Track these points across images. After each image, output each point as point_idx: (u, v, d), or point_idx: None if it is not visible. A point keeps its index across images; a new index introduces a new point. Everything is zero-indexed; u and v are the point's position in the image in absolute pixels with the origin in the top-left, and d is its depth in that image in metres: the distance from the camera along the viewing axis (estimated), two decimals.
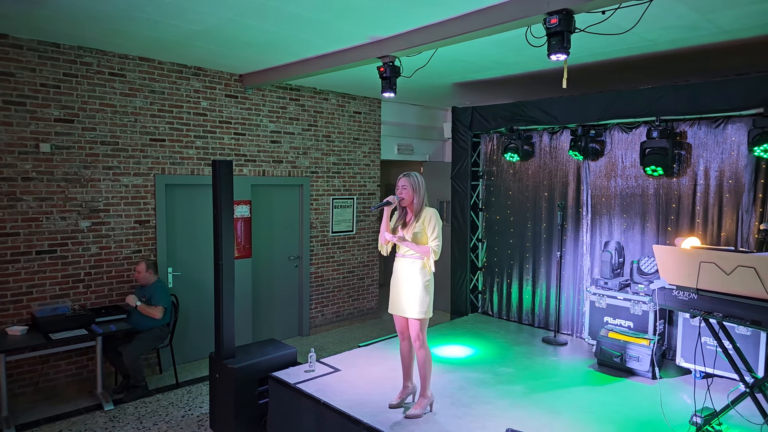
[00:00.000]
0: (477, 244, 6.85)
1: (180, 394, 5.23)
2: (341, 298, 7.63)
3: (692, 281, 3.35)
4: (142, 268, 5.28)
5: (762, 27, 4.29)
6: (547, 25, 3.52)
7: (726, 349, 3.50)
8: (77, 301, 5.27)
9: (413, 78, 6.22)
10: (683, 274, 3.40)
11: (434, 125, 8.76)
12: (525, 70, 5.89)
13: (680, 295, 3.47)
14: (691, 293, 3.40)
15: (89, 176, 5.29)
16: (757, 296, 3.07)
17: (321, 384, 4.25)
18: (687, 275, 3.38)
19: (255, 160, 6.51)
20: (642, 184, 5.34)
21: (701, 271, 3.28)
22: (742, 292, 3.14)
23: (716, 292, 3.27)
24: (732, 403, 3.41)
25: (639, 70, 5.76)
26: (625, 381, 4.54)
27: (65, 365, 5.29)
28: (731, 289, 3.18)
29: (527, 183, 6.30)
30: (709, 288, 3.29)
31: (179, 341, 5.81)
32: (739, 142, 4.72)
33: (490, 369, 4.76)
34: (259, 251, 6.70)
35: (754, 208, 4.63)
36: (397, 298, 3.85)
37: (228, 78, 6.21)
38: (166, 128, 5.76)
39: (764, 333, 4.21)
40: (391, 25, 4.32)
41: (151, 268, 5.33)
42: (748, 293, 3.11)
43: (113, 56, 5.36)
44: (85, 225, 5.29)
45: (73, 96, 5.16)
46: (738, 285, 3.13)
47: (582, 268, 5.81)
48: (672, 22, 4.21)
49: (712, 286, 3.27)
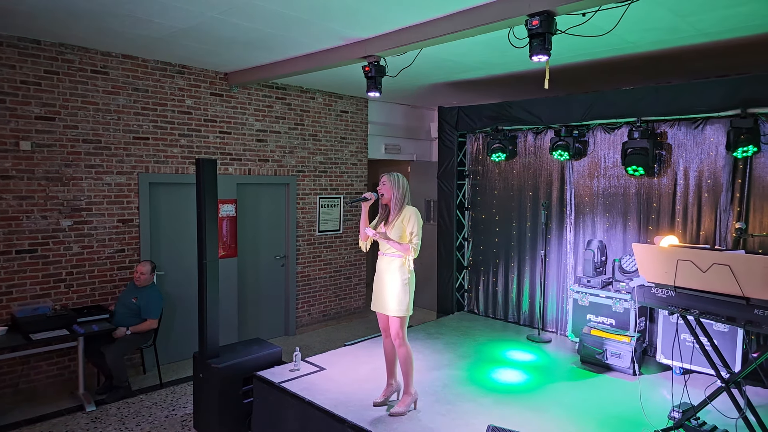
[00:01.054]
0: (463, 243, 6.89)
1: (164, 394, 5.19)
2: (328, 298, 7.63)
3: (670, 279, 3.39)
4: (147, 269, 5.20)
5: (740, 29, 4.37)
6: (528, 27, 3.56)
7: (703, 346, 3.56)
8: (59, 301, 5.21)
9: (400, 78, 6.24)
10: (661, 271, 3.45)
11: (421, 125, 8.79)
12: (510, 70, 5.93)
13: (659, 292, 3.52)
14: (669, 290, 3.44)
15: (71, 175, 5.24)
16: (732, 293, 3.11)
17: (306, 383, 4.25)
18: (665, 273, 3.42)
19: (241, 158, 6.49)
20: (624, 183, 5.41)
21: (678, 268, 3.33)
22: (717, 289, 3.18)
23: (693, 289, 3.31)
24: (709, 398, 3.46)
25: (621, 72, 5.83)
26: (606, 377, 4.60)
27: (46, 366, 5.23)
28: (707, 286, 3.23)
29: (512, 182, 6.35)
30: (686, 285, 3.33)
31: (163, 341, 5.77)
32: (717, 142, 4.80)
33: (475, 367, 4.78)
34: (245, 250, 6.68)
35: (732, 208, 4.71)
36: (378, 295, 3.87)
37: (213, 76, 6.18)
38: (150, 126, 5.73)
39: (740, 330, 4.29)
40: (376, 24, 4.34)
41: (154, 271, 5.29)
42: (724, 290, 3.15)
43: (96, 54, 5.32)
44: (67, 224, 5.24)
45: (54, 93, 5.10)
46: (714, 282, 3.18)
47: (566, 266, 5.87)
48: (652, 25, 4.28)
49: (689, 283, 3.31)
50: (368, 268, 8.33)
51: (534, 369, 4.78)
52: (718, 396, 3.43)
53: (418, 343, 5.35)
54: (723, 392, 3.40)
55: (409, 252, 3.69)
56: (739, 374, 3.35)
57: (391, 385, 4.01)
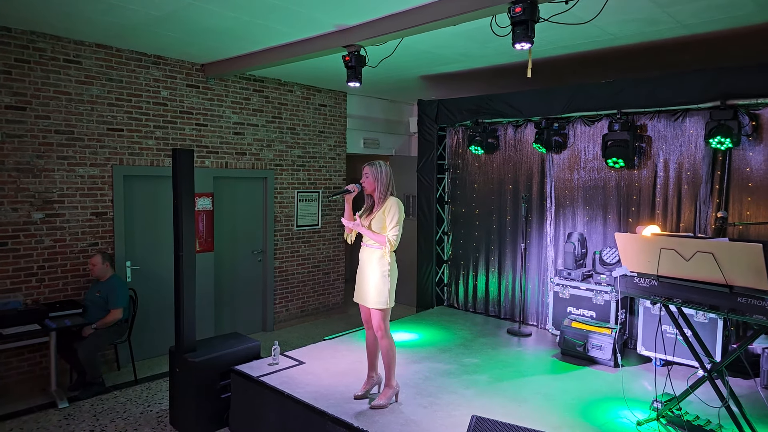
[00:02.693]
0: (443, 237, 6.86)
1: (138, 390, 5.07)
2: (306, 293, 7.54)
3: (653, 268, 3.39)
4: (98, 260, 5.09)
5: (719, 22, 4.41)
6: (511, 14, 3.54)
7: (686, 335, 3.57)
8: (30, 296, 5.04)
9: (380, 71, 6.19)
10: (644, 261, 3.45)
11: (400, 120, 8.75)
12: (490, 63, 5.92)
13: (641, 282, 3.52)
14: (652, 280, 3.45)
15: (43, 166, 5.07)
16: (715, 281, 3.12)
17: (285, 377, 4.18)
18: (648, 262, 3.42)
19: (217, 151, 6.37)
20: (604, 176, 5.43)
21: (661, 257, 3.32)
22: (701, 277, 3.19)
23: (676, 278, 3.31)
24: (691, 388, 3.47)
25: (601, 65, 5.86)
26: (587, 369, 4.60)
27: (17, 362, 5.06)
28: (690, 274, 3.23)
29: (492, 176, 6.34)
30: (669, 274, 3.33)
31: (138, 337, 5.62)
32: (696, 134, 4.84)
33: (456, 359, 4.76)
34: (222, 245, 6.55)
35: (711, 199, 4.75)
36: (359, 287, 3.82)
37: (189, 67, 6.05)
38: (125, 117, 5.57)
39: (720, 321, 4.33)
40: (357, 13, 4.27)
41: (107, 260, 5.14)
42: (707, 278, 3.16)
43: (68, 42, 5.15)
44: (38, 217, 5.07)
45: (25, 83, 4.93)
46: (697, 271, 3.18)
47: (546, 259, 5.87)
48: (632, 15, 4.29)
49: (672, 272, 3.32)
50: (347, 263, 8.26)
51: (515, 361, 4.77)
52: (700, 385, 3.44)
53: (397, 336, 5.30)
54: (705, 382, 3.41)
55: (384, 243, 3.62)
56: (721, 363, 3.37)
57: (372, 377, 3.96)
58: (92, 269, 5.10)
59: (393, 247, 3.64)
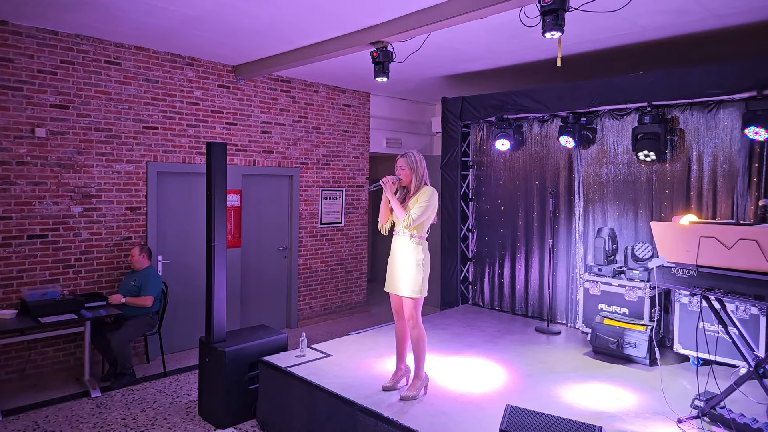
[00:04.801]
0: (467, 234, 6.81)
1: (168, 382, 5.14)
2: (329, 291, 7.57)
3: (692, 257, 3.24)
4: (136, 251, 5.25)
5: (753, 12, 4.29)
6: (541, 4, 3.54)
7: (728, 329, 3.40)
8: (67, 287, 5.19)
9: (403, 71, 6.24)
10: (682, 250, 3.30)
11: (422, 120, 8.77)
12: (516, 60, 5.90)
13: (680, 272, 3.35)
14: (691, 270, 3.28)
15: (83, 162, 5.25)
16: (760, 270, 2.97)
17: (313, 368, 4.19)
18: (686, 252, 3.27)
19: (246, 150, 6.47)
20: (634, 170, 5.34)
21: (701, 246, 3.18)
22: (743, 266, 3.04)
23: (717, 267, 3.16)
24: (735, 384, 3.30)
25: (630, 60, 5.78)
26: (622, 367, 4.46)
27: (53, 352, 5.21)
28: (732, 263, 3.08)
29: (518, 172, 6.28)
30: (710, 264, 3.18)
31: (167, 330, 5.72)
32: (732, 126, 4.72)
33: (484, 354, 4.71)
34: (249, 241, 6.64)
35: (749, 192, 4.61)
36: (391, 275, 3.81)
37: (221, 69, 6.18)
38: (159, 116, 5.72)
39: (763, 318, 4.15)
40: (387, 9, 4.31)
41: (145, 252, 5.29)
42: (751, 267, 3.01)
43: (109, 44, 5.35)
44: (77, 210, 5.24)
45: (69, 83, 5.14)
46: (740, 259, 3.03)
47: (575, 256, 5.79)
48: (663, 6, 4.22)
49: (713, 261, 3.17)
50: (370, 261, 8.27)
51: (545, 358, 4.70)
52: (744, 381, 3.29)
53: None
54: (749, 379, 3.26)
55: (403, 216, 3.61)
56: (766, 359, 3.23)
57: (401, 368, 3.94)
58: (131, 259, 5.26)
59: (408, 223, 3.61)
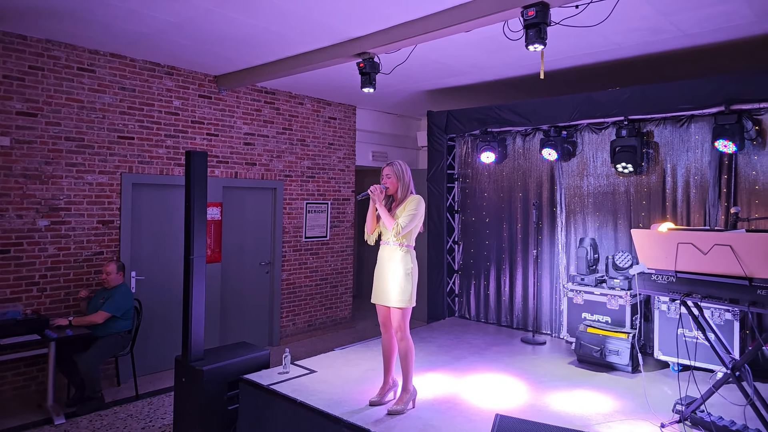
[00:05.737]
0: (453, 247, 6.81)
1: (140, 406, 4.88)
2: (314, 307, 7.45)
3: (671, 264, 3.35)
4: (113, 269, 4.97)
5: (720, 32, 4.50)
6: (524, 17, 3.65)
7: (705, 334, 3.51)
8: (30, 306, 4.93)
9: (389, 85, 6.27)
10: (661, 257, 3.41)
11: (408, 134, 8.81)
12: (498, 75, 5.99)
13: (659, 279, 3.47)
14: (670, 276, 3.40)
15: (51, 173, 5.05)
16: (735, 274, 3.08)
17: (297, 385, 4.08)
18: (665, 258, 3.38)
19: (227, 161, 6.37)
20: (613, 182, 5.46)
21: (679, 252, 3.29)
22: (719, 270, 3.15)
23: (694, 273, 3.27)
24: (714, 387, 3.39)
25: (608, 76, 5.93)
26: (606, 375, 4.52)
27: (12, 376, 4.90)
28: (709, 268, 3.19)
29: (502, 184, 6.34)
30: (688, 269, 3.29)
31: (140, 351, 5.45)
32: (702, 139, 4.92)
33: (471, 367, 4.68)
34: (229, 256, 6.50)
35: (720, 203, 4.79)
36: (378, 286, 3.75)
37: (202, 78, 6.10)
38: (136, 126, 5.59)
39: (737, 323, 4.29)
40: (372, 20, 4.32)
41: (121, 270, 5.05)
42: (726, 272, 3.12)
43: (83, 51, 5.21)
44: (44, 224, 5.02)
45: (38, 89, 4.97)
46: (715, 264, 3.14)
47: (558, 266, 5.84)
48: (637, 24, 4.37)
49: (690, 267, 3.27)
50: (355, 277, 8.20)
51: (531, 368, 4.69)
52: (723, 384, 3.37)
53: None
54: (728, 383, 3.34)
55: (392, 225, 3.59)
56: (743, 359, 3.31)
57: (389, 382, 3.87)
58: (106, 277, 4.97)
59: (397, 231, 3.58)
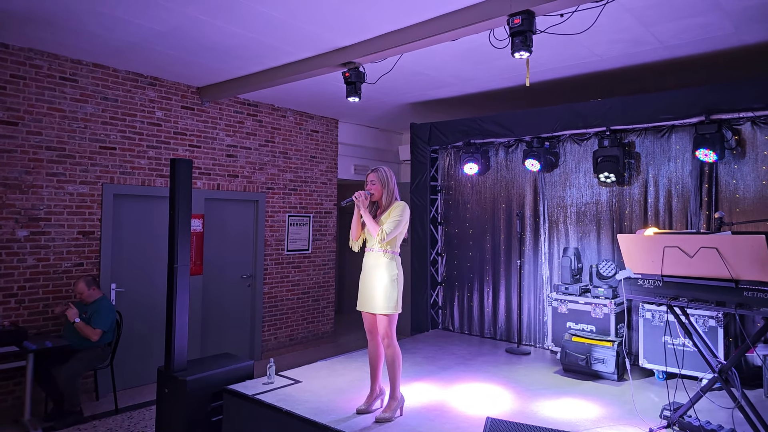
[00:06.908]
0: (437, 258, 6.81)
1: (119, 420, 4.75)
2: (295, 321, 7.36)
3: (657, 268, 3.37)
4: (83, 287, 4.84)
5: (699, 43, 4.63)
6: (510, 26, 3.70)
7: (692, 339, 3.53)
8: (8, 317, 4.78)
9: (373, 98, 6.32)
10: (648, 261, 3.43)
11: (390, 148, 8.85)
12: (481, 87, 6.07)
13: (645, 283, 3.48)
14: (657, 280, 3.42)
15: (31, 182, 4.95)
16: (721, 276, 3.11)
17: (282, 394, 4.03)
18: (651, 262, 3.40)
19: (210, 173, 6.31)
20: (596, 192, 5.51)
21: (665, 256, 3.31)
22: (706, 273, 3.17)
23: (681, 276, 3.29)
24: (702, 391, 3.40)
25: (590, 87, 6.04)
26: (592, 383, 4.53)
27: None
28: (695, 271, 3.21)
29: (485, 196, 6.37)
30: (674, 273, 3.31)
31: (120, 364, 5.33)
32: (683, 149, 5.00)
33: (457, 376, 4.66)
34: (211, 268, 6.40)
35: (701, 211, 4.85)
36: (364, 293, 3.72)
37: (185, 90, 6.07)
38: (118, 136, 5.52)
39: (721, 330, 4.33)
40: (358, 30, 4.37)
41: (93, 284, 4.93)
42: (712, 274, 3.14)
43: (65, 60, 5.16)
44: (23, 234, 4.90)
45: (19, 98, 4.89)
46: (702, 267, 3.16)
47: (542, 277, 5.86)
48: (619, 35, 4.49)
49: (677, 270, 3.29)
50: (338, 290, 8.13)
51: (518, 377, 4.68)
52: (711, 387, 3.38)
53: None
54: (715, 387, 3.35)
55: (377, 232, 3.58)
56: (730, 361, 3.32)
57: (376, 390, 3.82)
58: (79, 296, 4.87)
59: (382, 237, 3.57)
